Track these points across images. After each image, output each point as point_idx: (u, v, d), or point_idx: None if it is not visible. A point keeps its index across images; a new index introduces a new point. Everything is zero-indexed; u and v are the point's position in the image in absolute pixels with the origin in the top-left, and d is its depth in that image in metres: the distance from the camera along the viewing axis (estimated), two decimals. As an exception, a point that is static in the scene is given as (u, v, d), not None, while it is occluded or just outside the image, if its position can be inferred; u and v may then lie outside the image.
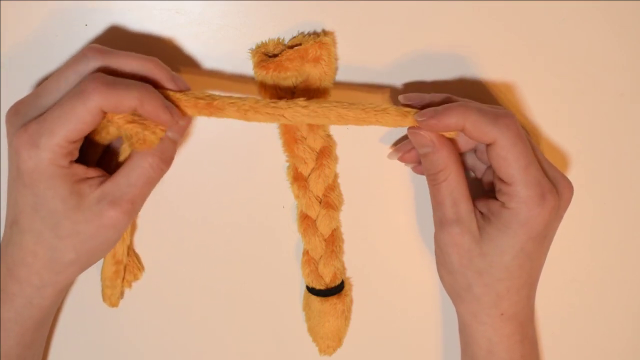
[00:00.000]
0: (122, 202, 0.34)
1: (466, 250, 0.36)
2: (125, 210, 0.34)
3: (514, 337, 0.37)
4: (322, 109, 0.35)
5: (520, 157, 0.34)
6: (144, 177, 0.34)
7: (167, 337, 0.43)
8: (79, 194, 0.34)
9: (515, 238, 0.34)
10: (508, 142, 0.33)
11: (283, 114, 0.35)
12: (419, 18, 0.39)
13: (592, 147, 0.42)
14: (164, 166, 0.35)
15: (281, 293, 0.43)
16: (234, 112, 0.35)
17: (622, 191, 0.42)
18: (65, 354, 0.43)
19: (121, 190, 0.34)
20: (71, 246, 0.34)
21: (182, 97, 0.34)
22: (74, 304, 0.43)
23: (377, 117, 0.35)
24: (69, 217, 0.33)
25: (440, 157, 0.36)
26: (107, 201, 0.34)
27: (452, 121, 0.34)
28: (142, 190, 0.35)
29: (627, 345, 0.45)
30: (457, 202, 0.36)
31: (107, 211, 0.34)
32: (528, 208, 0.34)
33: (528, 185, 0.34)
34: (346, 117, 0.35)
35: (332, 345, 0.43)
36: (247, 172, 0.41)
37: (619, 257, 0.43)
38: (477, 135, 0.34)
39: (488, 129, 0.34)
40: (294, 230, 0.42)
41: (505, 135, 0.33)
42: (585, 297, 0.44)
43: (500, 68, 0.40)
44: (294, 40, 0.38)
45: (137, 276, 0.42)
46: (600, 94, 0.41)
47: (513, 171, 0.34)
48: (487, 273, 0.35)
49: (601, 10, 0.39)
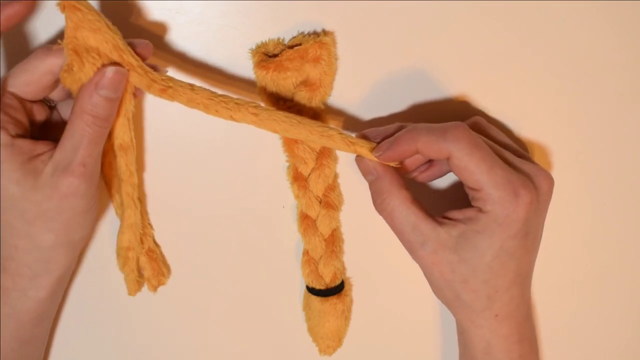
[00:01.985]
0: (73, 166, 0.34)
1: (446, 263, 0.35)
2: (79, 174, 0.34)
3: (511, 338, 0.37)
4: (269, 121, 0.35)
5: (480, 162, 0.34)
6: (85, 138, 0.34)
7: (167, 336, 0.43)
8: (33, 173, 0.33)
9: (493, 238, 0.34)
10: (462, 152, 0.34)
11: (232, 115, 0.35)
12: (419, 18, 0.39)
13: (591, 147, 0.42)
14: (100, 122, 0.34)
15: (281, 293, 0.43)
16: (185, 102, 0.35)
17: (622, 191, 0.42)
18: (66, 353, 0.43)
19: (69, 156, 0.34)
20: (44, 228, 0.34)
21: (137, 73, 0.34)
22: (75, 304, 0.42)
23: (322, 140, 0.36)
24: (29, 198, 0.33)
25: (383, 183, 0.36)
26: (59, 171, 0.34)
27: (404, 148, 0.35)
28: (89, 150, 0.34)
29: (627, 345, 0.45)
30: (416, 225, 0.36)
31: (62, 180, 0.33)
32: (502, 207, 0.34)
33: (497, 186, 0.34)
34: (292, 133, 0.35)
35: (332, 345, 0.43)
36: (247, 172, 0.41)
37: (619, 257, 0.43)
38: (432, 154, 0.35)
39: (440, 146, 0.34)
40: (294, 230, 0.42)
41: (457, 146, 0.34)
42: (585, 296, 0.44)
43: (500, 68, 0.40)
44: (294, 40, 0.38)
45: (162, 281, 0.41)
46: (600, 94, 0.41)
47: (477, 177, 0.34)
48: (472, 278, 0.35)
49: (601, 10, 0.39)
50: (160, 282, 0.41)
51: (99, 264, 0.42)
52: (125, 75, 0.34)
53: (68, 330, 0.43)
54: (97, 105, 0.34)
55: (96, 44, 0.33)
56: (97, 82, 0.33)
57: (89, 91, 0.34)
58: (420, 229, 0.36)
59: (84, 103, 0.34)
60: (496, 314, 0.36)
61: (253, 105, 0.35)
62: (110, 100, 0.34)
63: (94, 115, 0.34)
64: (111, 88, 0.34)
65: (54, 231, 0.34)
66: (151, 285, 0.41)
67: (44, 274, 0.35)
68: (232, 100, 0.35)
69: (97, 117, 0.34)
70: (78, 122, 0.34)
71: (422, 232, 0.35)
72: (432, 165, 0.39)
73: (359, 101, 0.40)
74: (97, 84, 0.33)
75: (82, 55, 0.33)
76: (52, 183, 0.33)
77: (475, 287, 0.35)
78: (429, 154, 0.35)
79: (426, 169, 0.39)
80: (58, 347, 0.43)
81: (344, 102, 0.40)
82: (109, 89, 0.34)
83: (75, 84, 0.34)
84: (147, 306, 0.43)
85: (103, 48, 0.33)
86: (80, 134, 0.34)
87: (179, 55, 0.39)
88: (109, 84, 0.34)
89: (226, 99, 0.35)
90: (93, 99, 0.34)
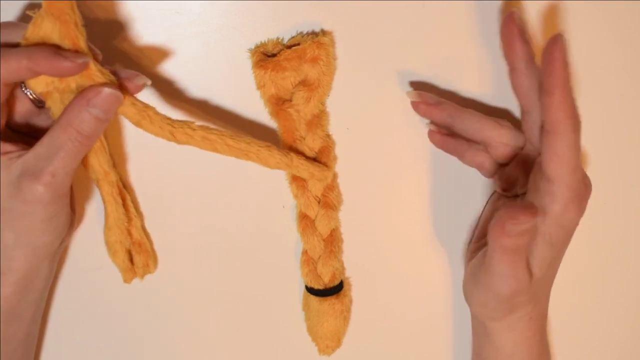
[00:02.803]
0: (41, 174, 0.32)
1: (519, 260, 0.34)
2: (45, 182, 0.32)
3: (535, 338, 0.37)
4: (208, 141, 0.35)
5: (572, 159, 0.33)
6: (63, 150, 0.33)
7: (165, 336, 0.44)
8: (2, 169, 0.33)
9: (557, 247, 0.34)
10: (571, 141, 0.32)
11: (173, 133, 0.35)
12: (418, 18, 0.39)
13: (591, 147, 0.41)
14: (84, 140, 0.33)
15: (280, 292, 0.43)
16: (131, 115, 0.34)
17: (622, 191, 0.42)
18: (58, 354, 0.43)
19: (40, 163, 0.33)
20: (6, 226, 0.33)
21: (89, 74, 0.33)
22: (67, 303, 0.43)
23: (259, 155, 0.36)
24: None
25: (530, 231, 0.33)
26: (27, 175, 0.33)
27: (561, 78, 0.31)
28: (63, 163, 0.33)
29: (627, 344, 0.45)
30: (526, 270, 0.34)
31: (28, 185, 0.33)
32: (567, 210, 0.33)
33: (571, 188, 0.33)
34: (232, 148, 0.35)
35: (331, 345, 0.43)
36: (247, 171, 0.41)
37: (619, 257, 0.43)
38: (555, 112, 0.32)
39: (566, 119, 0.32)
40: (294, 230, 0.42)
41: (572, 134, 0.32)
42: (584, 296, 0.44)
43: (500, 68, 0.40)
44: (293, 40, 0.38)
45: (148, 270, 0.41)
46: (600, 94, 0.41)
47: (561, 170, 0.33)
48: (531, 291, 0.35)
49: (601, 10, 0.39)
50: (146, 272, 0.41)
51: (90, 262, 0.42)
52: (120, 99, 0.33)
53: (58, 330, 0.43)
54: (84, 121, 0.33)
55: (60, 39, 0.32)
56: (90, 99, 0.33)
57: (80, 106, 0.33)
58: (525, 275, 0.34)
59: (71, 116, 0.33)
60: (531, 316, 0.36)
61: (192, 123, 0.35)
62: (99, 120, 0.33)
63: (78, 130, 0.33)
64: (103, 108, 0.33)
65: (15, 232, 0.34)
66: (138, 274, 0.41)
67: (8, 272, 0.35)
68: (171, 120, 0.35)
69: (80, 134, 0.33)
70: (60, 133, 0.33)
71: (528, 234, 0.34)
72: (452, 137, 0.39)
73: (358, 101, 0.40)
74: (90, 101, 0.33)
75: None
76: (17, 184, 0.33)
77: (530, 298, 0.35)
78: (552, 109, 0.32)
79: (445, 134, 0.39)
80: (49, 347, 0.43)
81: (343, 102, 0.40)
82: (101, 109, 0.33)
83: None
84: (146, 306, 0.43)
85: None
86: (58, 145, 0.33)
87: (179, 55, 0.39)
88: (101, 104, 0.33)
89: (168, 118, 0.35)
90: (82, 114, 0.33)
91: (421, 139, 0.41)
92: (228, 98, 0.40)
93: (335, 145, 0.41)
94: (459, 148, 0.39)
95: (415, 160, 0.41)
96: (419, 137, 0.41)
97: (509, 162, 0.38)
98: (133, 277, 0.41)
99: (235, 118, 0.40)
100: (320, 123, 0.39)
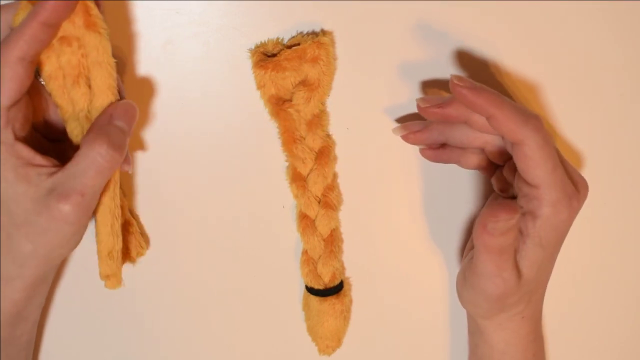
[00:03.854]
0: (71, 194, 0.32)
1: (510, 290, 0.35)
2: (75, 202, 0.32)
3: (528, 337, 0.37)
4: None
5: (548, 159, 0.33)
6: (93, 167, 0.33)
7: (165, 336, 0.44)
8: (27, 180, 0.32)
9: (548, 248, 0.34)
10: (537, 144, 0.33)
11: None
12: (418, 18, 0.39)
13: (591, 148, 0.41)
14: (114, 154, 0.33)
15: (281, 292, 0.43)
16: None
17: (622, 191, 0.42)
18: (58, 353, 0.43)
19: (70, 182, 0.32)
20: (26, 237, 0.33)
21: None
22: (65, 301, 0.43)
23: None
24: (20, 204, 0.33)
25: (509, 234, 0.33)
26: (56, 193, 0.32)
27: (484, 102, 0.33)
28: (93, 181, 0.33)
29: (627, 344, 0.44)
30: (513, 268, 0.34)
31: (56, 204, 0.32)
32: (557, 211, 0.33)
33: (556, 188, 0.33)
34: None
35: (332, 345, 0.43)
36: (247, 171, 0.41)
37: (619, 257, 0.43)
38: (504, 130, 0.33)
39: (519, 127, 0.33)
40: (294, 230, 0.42)
41: (534, 136, 0.33)
42: (584, 296, 0.44)
43: (500, 68, 0.40)
44: (293, 40, 0.38)
45: (142, 252, 0.41)
46: (600, 94, 0.41)
47: (541, 173, 0.33)
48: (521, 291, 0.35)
49: (601, 10, 0.39)
50: (139, 254, 0.41)
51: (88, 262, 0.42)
52: (137, 111, 0.35)
53: (58, 330, 0.43)
54: (111, 134, 0.33)
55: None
56: (112, 114, 0.33)
57: (105, 121, 0.33)
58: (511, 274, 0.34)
59: (98, 132, 0.33)
60: (523, 315, 0.36)
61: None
62: (125, 133, 0.34)
63: (108, 144, 0.33)
64: (126, 121, 0.34)
65: (35, 244, 0.33)
66: (131, 258, 0.41)
67: (17, 279, 0.35)
68: None
69: (109, 147, 0.33)
70: (88, 151, 0.33)
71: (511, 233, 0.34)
72: (444, 148, 0.38)
73: (357, 101, 0.40)
74: (112, 115, 0.33)
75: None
76: (46, 202, 0.32)
77: (521, 298, 0.35)
78: (502, 128, 0.33)
79: (437, 147, 0.39)
80: (49, 347, 0.43)
81: (343, 102, 0.40)
82: (124, 121, 0.34)
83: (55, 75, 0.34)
84: (145, 306, 0.43)
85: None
86: (89, 162, 0.32)
87: (179, 55, 0.39)
88: (124, 116, 0.34)
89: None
90: (109, 128, 0.33)
91: (421, 139, 0.41)
92: (228, 98, 0.40)
93: (335, 145, 0.41)
94: (454, 156, 0.39)
95: (415, 160, 0.41)
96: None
97: (505, 163, 0.38)
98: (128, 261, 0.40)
99: (235, 118, 0.40)
100: (320, 123, 0.39)
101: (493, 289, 0.34)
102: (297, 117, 0.39)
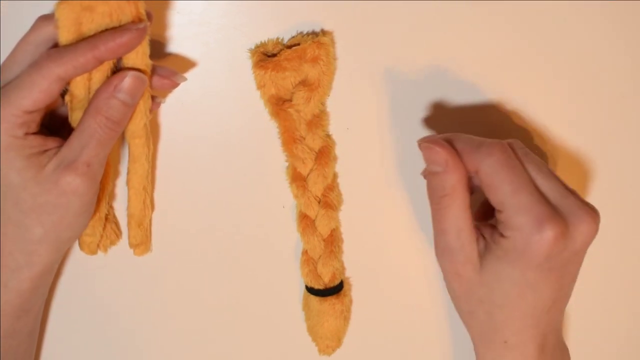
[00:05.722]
0: (77, 165, 0.33)
1: (466, 279, 0.35)
2: (82, 172, 0.33)
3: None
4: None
5: (505, 182, 0.33)
6: (94, 138, 0.34)
7: (165, 335, 0.44)
8: (37, 166, 0.33)
9: (514, 266, 0.33)
10: (491, 168, 0.33)
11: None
12: (418, 18, 0.39)
13: (591, 148, 0.41)
14: (112, 125, 0.34)
15: (281, 292, 0.43)
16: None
17: (622, 191, 0.42)
18: (59, 348, 0.43)
19: (75, 154, 0.34)
20: (37, 220, 0.34)
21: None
22: (66, 297, 0.43)
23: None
24: (28, 189, 0.33)
25: (449, 180, 0.34)
26: (62, 166, 0.33)
27: (439, 148, 0.34)
28: (96, 151, 0.34)
29: (627, 344, 0.45)
30: (461, 231, 0.34)
31: (64, 176, 0.33)
32: (523, 236, 0.32)
33: (519, 212, 0.32)
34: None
35: (332, 345, 0.43)
36: (247, 171, 0.41)
37: (619, 257, 0.43)
38: (464, 163, 0.34)
39: (472, 156, 0.34)
40: (294, 230, 0.42)
41: (487, 161, 0.33)
42: (585, 294, 0.44)
43: (500, 69, 0.40)
44: (293, 40, 0.38)
45: (114, 242, 0.41)
46: (601, 94, 0.41)
47: (500, 197, 0.33)
48: (487, 300, 0.35)
49: (601, 10, 0.39)
50: (112, 243, 0.41)
51: (92, 260, 0.42)
52: (145, 83, 0.35)
53: (58, 329, 0.43)
54: (112, 107, 0.34)
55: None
56: (117, 85, 0.34)
57: (107, 92, 0.34)
58: (462, 236, 0.34)
59: (99, 103, 0.34)
60: (505, 340, 0.35)
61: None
62: (127, 105, 0.34)
63: (107, 117, 0.34)
64: (129, 93, 0.34)
65: (44, 226, 0.34)
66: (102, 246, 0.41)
67: (25, 267, 0.35)
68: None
69: (110, 120, 0.34)
70: (90, 122, 0.34)
71: (462, 241, 0.34)
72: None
73: (357, 101, 0.40)
74: (116, 87, 0.34)
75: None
76: (53, 177, 0.33)
77: (489, 309, 0.35)
78: (463, 162, 0.34)
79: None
80: (49, 346, 0.43)
81: (343, 102, 0.40)
82: (127, 94, 0.34)
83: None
84: (145, 306, 0.43)
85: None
86: (90, 133, 0.34)
87: (179, 55, 0.39)
88: (127, 89, 0.34)
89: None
90: (110, 101, 0.34)
91: (421, 139, 0.41)
92: (228, 98, 0.40)
93: (335, 145, 0.41)
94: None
95: (416, 160, 0.41)
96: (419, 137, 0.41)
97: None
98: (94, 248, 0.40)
99: (235, 118, 0.40)
100: (320, 123, 0.39)
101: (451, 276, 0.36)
102: (297, 117, 0.39)
